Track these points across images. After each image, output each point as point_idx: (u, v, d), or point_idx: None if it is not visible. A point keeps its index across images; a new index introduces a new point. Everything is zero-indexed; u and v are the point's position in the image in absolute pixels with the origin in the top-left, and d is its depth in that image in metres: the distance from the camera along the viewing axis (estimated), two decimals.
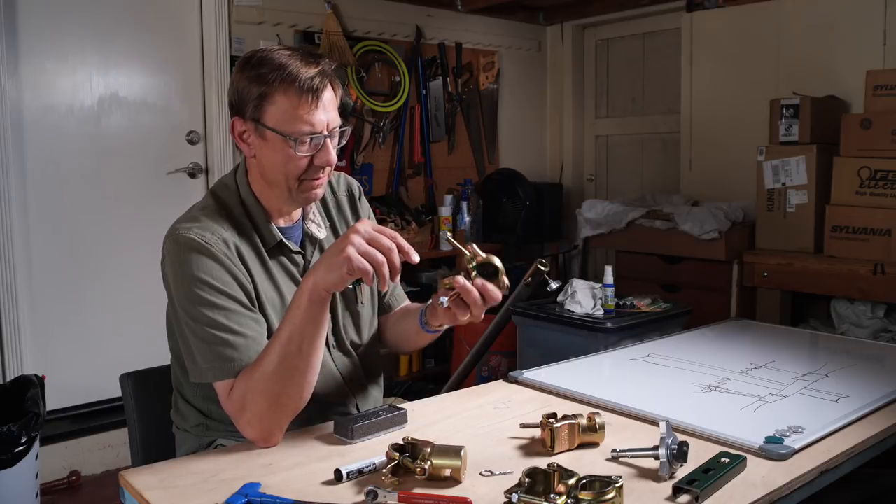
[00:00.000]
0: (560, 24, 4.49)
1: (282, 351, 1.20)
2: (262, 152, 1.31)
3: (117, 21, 3.02)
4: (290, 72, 1.26)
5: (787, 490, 1.08)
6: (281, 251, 1.38)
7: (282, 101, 1.26)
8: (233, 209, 1.35)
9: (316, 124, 1.28)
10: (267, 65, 1.27)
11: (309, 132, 1.27)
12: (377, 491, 1.00)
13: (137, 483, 1.08)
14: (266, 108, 1.27)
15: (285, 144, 1.27)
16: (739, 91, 3.57)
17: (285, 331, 1.21)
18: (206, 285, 1.25)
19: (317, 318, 1.21)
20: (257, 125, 1.29)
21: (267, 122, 1.28)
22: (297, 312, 1.20)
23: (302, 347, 1.20)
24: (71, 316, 2.96)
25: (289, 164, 1.29)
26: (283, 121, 1.27)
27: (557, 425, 1.17)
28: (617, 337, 2.55)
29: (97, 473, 2.94)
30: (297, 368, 1.21)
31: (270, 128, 1.28)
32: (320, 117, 1.28)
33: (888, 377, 1.58)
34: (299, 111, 1.26)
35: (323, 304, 1.21)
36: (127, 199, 3.08)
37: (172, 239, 1.29)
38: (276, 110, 1.27)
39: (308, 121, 1.27)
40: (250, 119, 1.29)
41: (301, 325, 1.20)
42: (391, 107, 3.77)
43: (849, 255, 2.83)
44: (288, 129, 1.27)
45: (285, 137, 1.27)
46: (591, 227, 3.55)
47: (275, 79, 1.26)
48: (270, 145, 1.29)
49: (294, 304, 1.22)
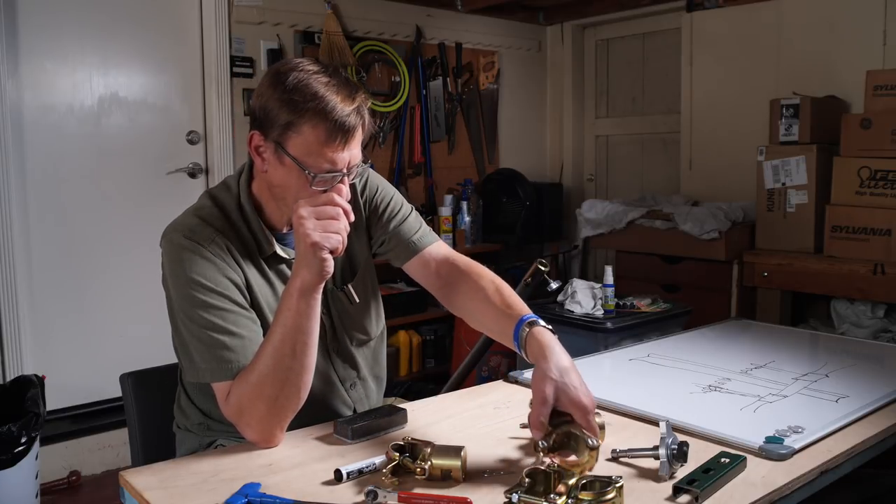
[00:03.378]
0: (560, 24, 4.49)
1: (275, 353, 1.20)
2: (275, 172, 1.27)
3: (117, 21, 3.02)
4: (324, 106, 1.20)
5: (787, 490, 1.08)
6: (279, 259, 1.37)
7: (309, 135, 1.21)
8: (230, 213, 1.34)
9: (338, 163, 1.23)
10: (302, 92, 1.21)
11: (329, 170, 1.23)
12: (377, 491, 1.00)
13: (137, 483, 1.08)
14: (291, 137, 1.22)
15: (302, 175, 1.24)
16: (739, 91, 3.57)
17: (277, 333, 1.20)
18: (200, 286, 1.25)
19: (308, 318, 1.20)
20: (278, 148, 1.24)
21: (289, 149, 1.23)
22: (287, 314, 1.20)
23: (295, 349, 1.20)
24: (71, 316, 2.96)
25: (301, 191, 1.25)
26: (305, 153, 1.22)
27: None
28: (617, 337, 2.55)
29: (97, 473, 2.94)
30: (292, 370, 1.21)
31: (291, 156, 1.23)
32: (344, 156, 1.24)
33: (888, 377, 1.58)
34: (325, 149, 1.22)
35: (313, 301, 1.20)
36: (127, 199, 3.08)
37: (167, 240, 1.30)
38: (302, 142, 1.22)
39: (331, 159, 1.23)
40: (273, 141, 1.25)
41: (292, 326, 1.19)
42: (391, 107, 3.77)
43: (849, 255, 2.83)
44: (309, 163, 1.22)
45: (304, 171, 1.23)
46: (591, 227, 3.55)
47: (307, 109, 1.20)
48: (286, 170, 1.25)
49: (283, 306, 1.21)
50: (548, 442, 1.10)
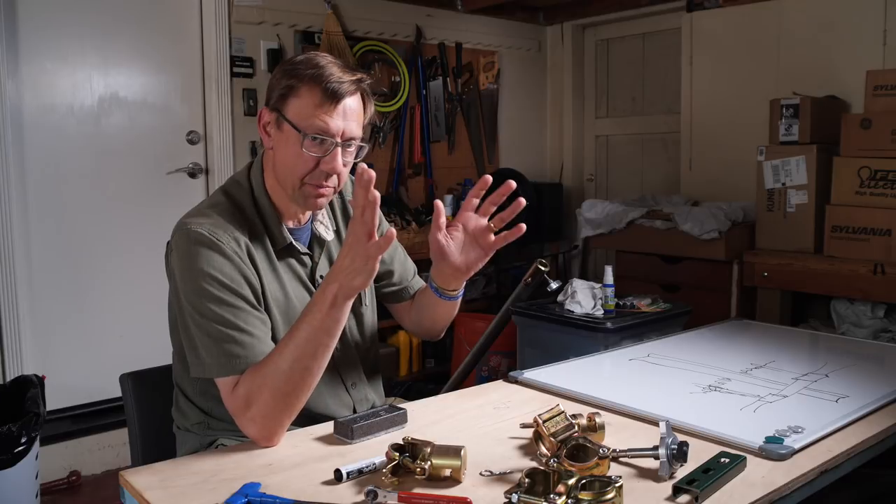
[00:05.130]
0: (560, 24, 4.49)
1: (297, 351, 1.20)
2: (278, 146, 1.32)
3: (117, 21, 3.02)
4: (321, 72, 1.28)
5: (787, 490, 1.08)
6: (289, 253, 1.38)
7: (305, 96, 1.28)
8: (245, 208, 1.35)
9: (331, 127, 1.28)
10: (305, 63, 1.30)
11: (321, 132, 1.28)
12: (377, 491, 1.00)
13: (137, 483, 1.08)
14: (289, 100, 1.29)
15: (297, 140, 1.28)
16: (739, 91, 3.57)
17: (303, 331, 1.20)
18: (216, 281, 1.25)
19: (337, 322, 1.21)
20: (278, 116, 1.30)
21: (287, 113, 1.29)
22: (317, 315, 1.20)
23: (317, 350, 1.21)
24: (71, 316, 2.96)
25: (297, 161, 1.29)
26: (301, 115, 1.28)
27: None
28: (617, 337, 2.55)
29: (97, 473, 2.94)
30: (309, 370, 1.21)
31: (288, 120, 1.29)
32: (337, 122, 1.28)
33: (888, 377, 1.58)
34: (318, 110, 1.27)
35: (346, 307, 1.21)
36: (127, 199, 3.08)
37: (182, 233, 1.29)
38: (298, 104, 1.29)
39: (323, 121, 1.28)
40: (273, 109, 1.31)
41: (320, 327, 1.20)
42: (391, 107, 3.77)
43: (849, 255, 2.83)
44: (302, 125, 1.28)
45: (298, 132, 1.28)
46: (591, 227, 3.55)
47: (306, 75, 1.28)
48: (285, 138, 1.30)
49: (315, 306, 1.21)
50: (559, 454, 1.10)
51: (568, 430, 1.15)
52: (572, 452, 1.10)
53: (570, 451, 1.10)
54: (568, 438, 1.13)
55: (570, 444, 1.11)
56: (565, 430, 1.15)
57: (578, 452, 1.11)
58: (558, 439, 1.13)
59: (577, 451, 1.11)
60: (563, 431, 1.15)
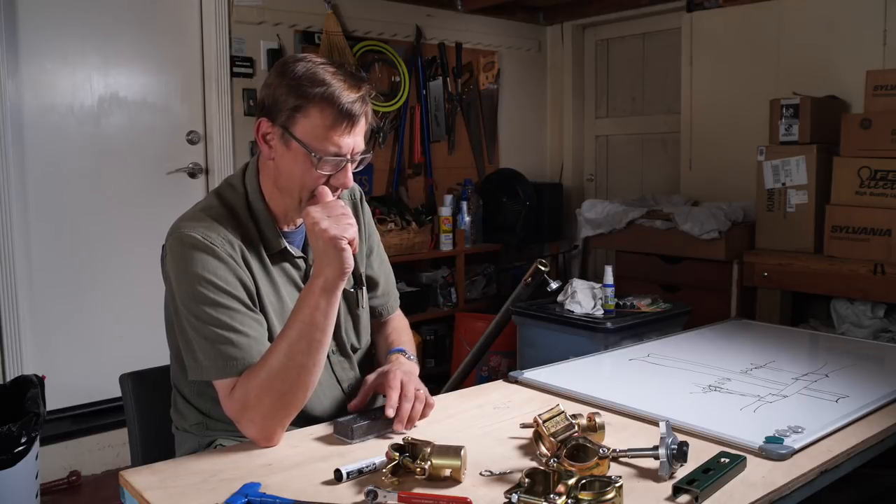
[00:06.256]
0: (560, 24, 4.49)
1: (290, 349, 1.21)
2: (282, 159, 1.30)
3: (117, 21, 3.02)
4: (332, 92, 1.25)
5: (787, 490, 1.08)
6: (283, 256, 1.38)
7: (316, 118, 1.26)
8: (238, 212, 1.35)
9: (343, 147, 1.28)
10: (310, 79, 1.26)
11: (334, 153, 1.27)
12: (377, 491, 1.00)
13: (137, 483, 1.08)
14: (299, 120, 1.26)
15: (307, 159, 1.27)
16: (739, 91, 3.57)
17: (295, 329, 1.21)
18: (211, 284, 1.25)
19: (327, 315, 1.23)
20: (285, 132, 1.28)
21: (296, 132, 1.27)
22: (306, 311, 1.21)
23: (311, 346, 1.22)
24: (71, 316, 2.96)
25: (306, 177, 1.29)
26: (312, 137, 1.26)
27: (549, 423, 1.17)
28: (617, 337, 2.55)
29: (97, 473, 2.94)
30: (304, 367, 1.22)
31: (298, 139, 1.27)
32: (348, 142, 1.28)
33: (888, 377, 1.58)
34: (331, 132, 1.26)
35: (334, 299, 1.23)
36: (127, 200, 3.08)
37: (176, 237, 1.29)
38: (309, 124, 1.26)
39: (337, 143, 1.27)
40: (280, 125, 1.28)
41: (310, 322, 1.21)
42: (391, 107, 3.77)
43: (849, 255, 2.83)
44: (315, 146, 1.26)
45: (310, 153, 1.26)
46: (591, 227, 3.55)
47: (315, 94, 1.25)
48: (292, 155, 1.28)
49: (303, 303, 1.23)
50: (559, 454, 1.10)
51: (568, 430, 1.15)
52: (572, 452, 1.10)
53: (570, 451, 1.10)
54: (568, 438, 1.13)
55: (570, 444, 1.11)
56: (565, 430, 1.16)
57: (578, 452, 1.11)
58: (558, 439, 1.13)
59: (577, 451, 1.11)
60: (563, 431, 1.15)
